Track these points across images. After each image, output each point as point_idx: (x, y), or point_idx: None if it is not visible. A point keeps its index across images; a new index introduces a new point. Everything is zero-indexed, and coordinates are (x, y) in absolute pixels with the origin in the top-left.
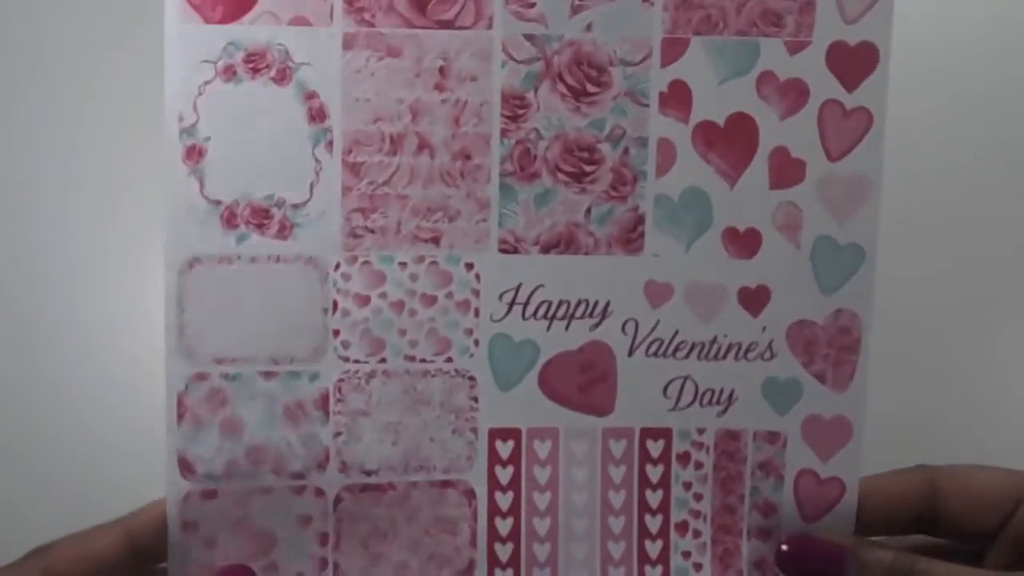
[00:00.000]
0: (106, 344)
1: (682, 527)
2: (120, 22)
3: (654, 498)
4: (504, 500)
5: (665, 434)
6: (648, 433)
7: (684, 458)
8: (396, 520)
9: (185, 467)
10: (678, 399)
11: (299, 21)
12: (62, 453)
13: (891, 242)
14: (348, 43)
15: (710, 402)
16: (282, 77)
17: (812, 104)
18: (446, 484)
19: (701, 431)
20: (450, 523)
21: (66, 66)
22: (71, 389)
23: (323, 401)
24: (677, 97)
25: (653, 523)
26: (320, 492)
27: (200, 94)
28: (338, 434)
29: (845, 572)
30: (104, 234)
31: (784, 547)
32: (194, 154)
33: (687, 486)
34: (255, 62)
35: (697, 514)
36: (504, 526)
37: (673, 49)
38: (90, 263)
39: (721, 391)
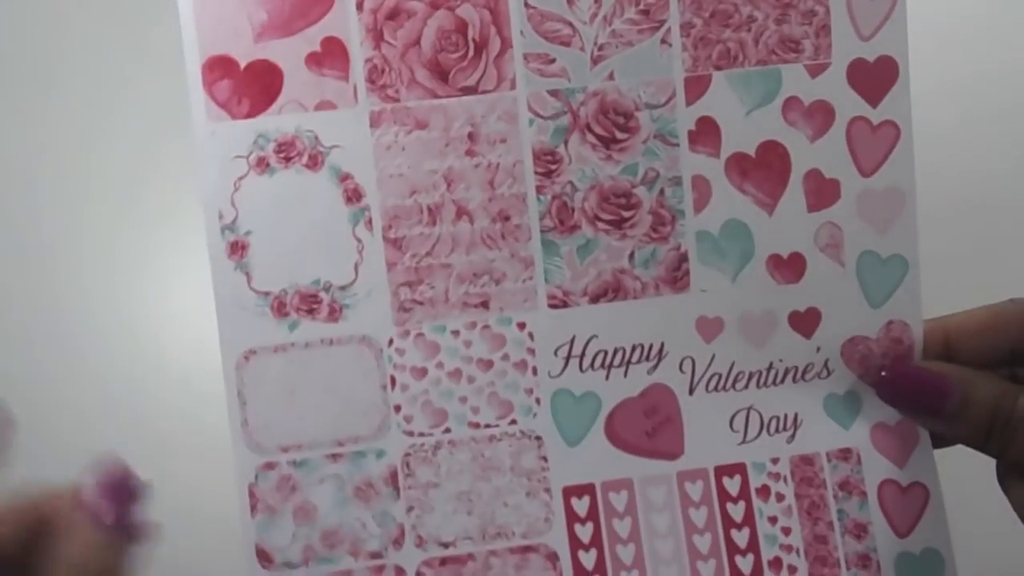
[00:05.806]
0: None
1: (775, 564)
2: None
3: (741, 537)
4: (588, 558)
5: (740, 469)
6: (723, 471)
7: (764, 492)
8: None
9: (263, 557)
10: (745, 431)
11: (324, 105)
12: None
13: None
14: (375, 121)
15: (777, 429)
16: (314, 163)
17: (839, 123)
18: (527, 549)
19: (775, 461)
20: None
21: None
22: None
23: (392, 477)
24: (706, 133)
25: (745, 564)
26: (400, 570)
27: (236, 189)
28: (411, 509)
29: (947, 403)
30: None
31: (884, 373)
32: (238, 249)
33: (772, 520)
34: (286, 151)
35: (789, 548)
36: None
37: (696, 86)
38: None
39: (785, 416)
